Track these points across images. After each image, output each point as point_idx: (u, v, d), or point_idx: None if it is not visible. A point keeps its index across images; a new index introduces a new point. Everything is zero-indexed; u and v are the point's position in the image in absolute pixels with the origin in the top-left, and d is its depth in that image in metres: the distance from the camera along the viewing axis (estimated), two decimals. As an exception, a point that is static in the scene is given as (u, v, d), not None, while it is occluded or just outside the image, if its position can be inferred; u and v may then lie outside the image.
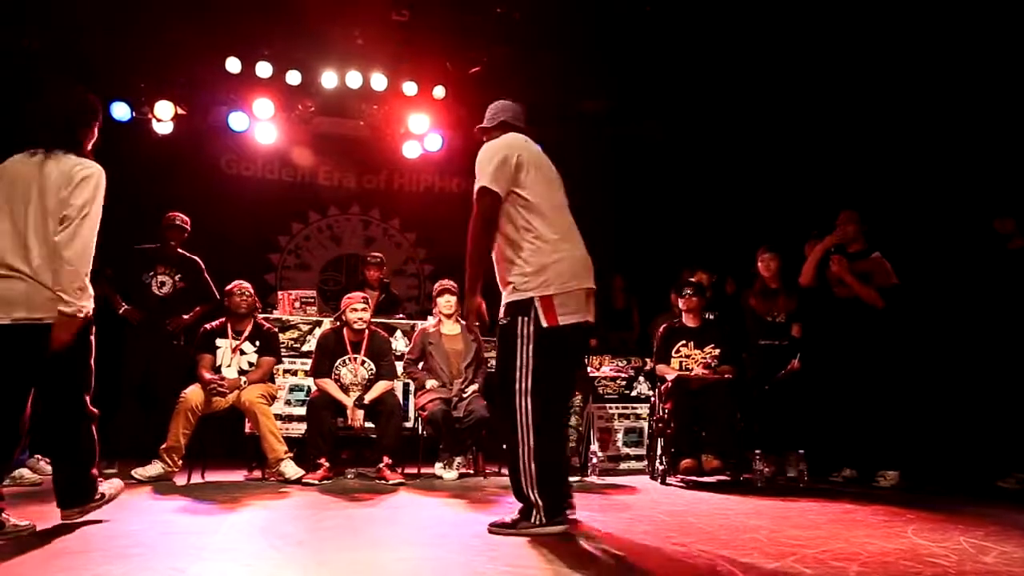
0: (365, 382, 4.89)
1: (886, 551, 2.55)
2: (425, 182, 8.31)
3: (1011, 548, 2.62)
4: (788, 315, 5.29)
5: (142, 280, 5.20)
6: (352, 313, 4.89)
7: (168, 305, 5.22)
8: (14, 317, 2.72)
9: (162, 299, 5.21)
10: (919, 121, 5.94)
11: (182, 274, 5.31)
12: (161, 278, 5.24)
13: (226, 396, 4.60)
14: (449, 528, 3.10)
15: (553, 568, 2.22)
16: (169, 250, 5.29)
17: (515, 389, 2.86)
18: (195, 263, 5.40)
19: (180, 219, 5.34)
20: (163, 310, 5.19)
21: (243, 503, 3.66)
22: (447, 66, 7.13)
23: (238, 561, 2.40)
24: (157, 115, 6.57)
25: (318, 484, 4.36)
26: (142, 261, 5.25)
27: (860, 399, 4.88)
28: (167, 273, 5.26)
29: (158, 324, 5.14)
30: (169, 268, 5.27)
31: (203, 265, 5.45)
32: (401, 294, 7.24)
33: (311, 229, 8.06)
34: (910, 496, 4.19)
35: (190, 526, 3.06)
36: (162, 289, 5.24)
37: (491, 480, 4.85)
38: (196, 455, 4.57)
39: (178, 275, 5.29)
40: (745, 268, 5.67)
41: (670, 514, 2.57)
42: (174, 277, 5.28)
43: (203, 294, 5.39)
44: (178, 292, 5.28)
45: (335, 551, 2.54)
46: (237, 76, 6.67)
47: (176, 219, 5.32)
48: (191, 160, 7.18)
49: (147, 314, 5.13)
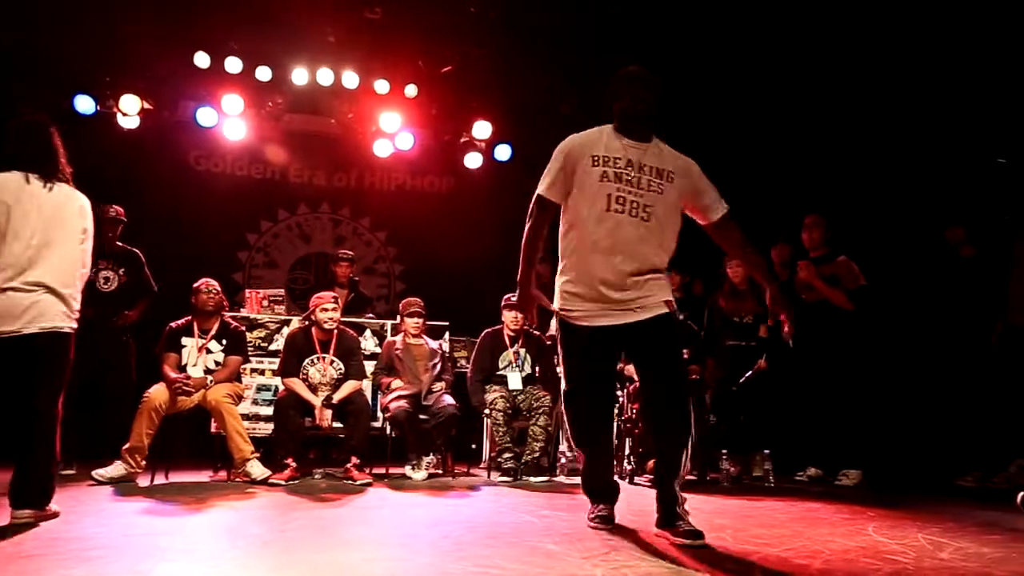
0: (334, 382, 4.85)
1: (848, 549, 2.60)
2: (396, 181, 8.26)
3: (966, 544, 2.69)
4: (755, 316, 5.36)
5: None
6: (322, 313, 4.86)
7: (114, 301, 5.08)
8: (40, 326, 3.03)
9: (107, 295, 5.07)
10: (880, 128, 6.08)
11: (125, 268, 5.16)
12: (105, 274, 5.09)
13: (191, 395, 4.54)
14: (417, 528, 3.09)
15: (520, 568, 2.23)
16: (108, 244, 5.09)
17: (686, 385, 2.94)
18: (136, 256, 5.24)
19: (114, 210, 5.15)
20: (109, 306, 5.04)
21: (208, 504, 3.61)
22: (419, 65, 7.11)
23: (202, 562, 2.37)
24: (123, 109, 6.45)
25: (285, 484, 4.32)
26: None
27: (825, 399, 4.96)
28: (110, 268, 5.12)
29: (106, 321, 4.99)
30: (111, 263, 5.12)
31: (143, 258, 5.28)
32: (371, 293, 7.20)
33: (280, 227, 7.97)
34: (872, 494, 4.27)
35: (153, 527, 3.01)
36: (107, 285, 5.10)
37: (460, 480, 4.85)
38: (160, 455, 4.50)
39: (121, 269, 5.15)
40: (712, 270, 5.73)
41: (637, 514, 2.59)
42: (118, 272, 5.13)
43: (142, 286, 5.24)
44: (123, 287, 5.14)
45: (302, 552, 2.52)
46: (205, 71, 6.58)
47: (110, 210, 5.11)
48: (158, 156, 7.06)
49: (93, 312, 4.99)
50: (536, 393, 5.08)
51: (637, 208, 2.83)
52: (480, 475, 5.16)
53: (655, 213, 2.85)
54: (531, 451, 4.96)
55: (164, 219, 5.68)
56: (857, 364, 4.96)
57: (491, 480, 4.86)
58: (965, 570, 2.28)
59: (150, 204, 5.44)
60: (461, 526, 3.03)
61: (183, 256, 5.58)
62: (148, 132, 6.73)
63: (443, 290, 6.85)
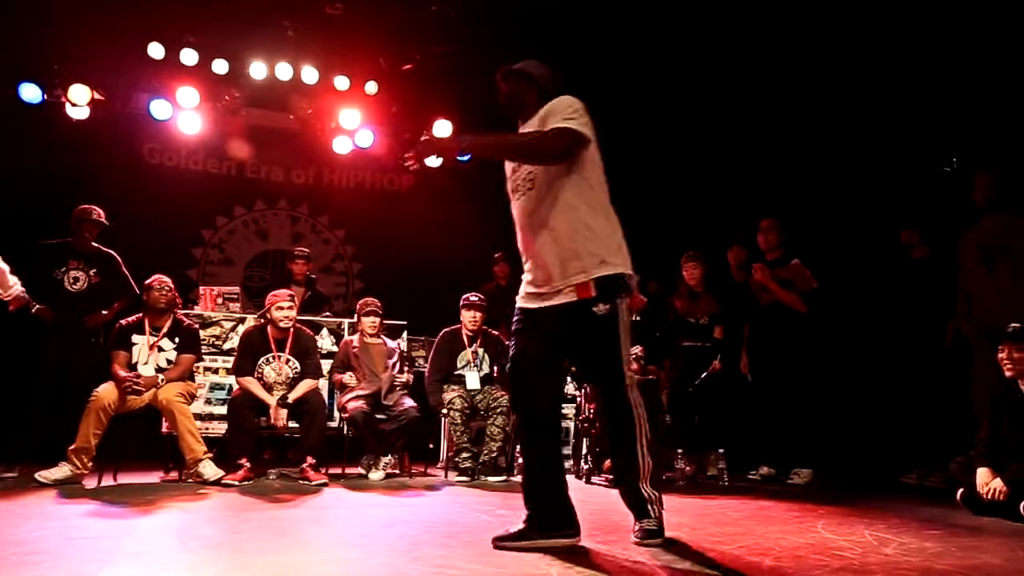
0: (289, 381, 4.79)
1: (798, 545, 2.66)
2: (356, 179, 8.18)
3: (908, 539, 2.78)
4: (711, 317, 5.45)
5: (52, 276, 4.91)
6: (278, 312, 4.79)
7: (83, 301, 4.95)
8: None
9: (76, 295, 4.94)
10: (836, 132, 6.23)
11: (97, 269, 5.04)
12: (74, 273, 4.96)
13: (142, 394, 4.42)
14: (374, 529, 3.07)
15: (476, 568, 2.23)
16: (83, 244, 5.01)
17: (625, 381, 2.62)
18: (112, 257, 5.14)
19: (97, 213, 5.06)
20: (77, 307, 4.92)
21: (158, 505, 3.52)
22: (380, 62, 7.06)
23: (151, 566, 2.31)
24: (72, 99, 6.26)
25: (238, 485, 4.24)
26: (51, 257, 4.95)
27: (777, 400, 5.07)
28: (80, 268, 4.98)
29: (73, 321, 4.87)
30: (83, 263, 5.00)
31: (120, 260, 5.18)
32: (328, 292, 7.12)
33: (236, 223, 7.83)
34: (822, 493, 4.38)
35: (99, 530, 2.92)
36: (75, 285, 4.96)
37: (417, 480, 4.83)
38: (108, 456, 4.38)
39: (93, 270, 5.02)
40: (668, 271, 5.81)
41: (594, 513, 2.61)
42: (88, 272, 5.00)
43: (122, 288, 5.13)
44: (93, 287, 5.01)
45: (255, 553, 2.48)
46: (159, 62, 6.43)
47: (93, 212, 5.03)
48: (109, 148, 6.85)
49: (60, 312, 4.86)
50: (494, 393, 5.08)
51: (521, 184, 2.74)
52: (438, 475, 5.14)
53: (536, 181, 2.68)
54: (489, 451, 4.96)
55: (115, 213, 5.50)
56: (809, 365, 5.07)
57: (448, 480, 4.85)
58: (908, 564, 2.35)
59: (101, 198, 5.27)
60: (418, 526, 3.02)
61: (135, 252, 5.43)
62: (99, 124, 6.54)
63: (401, 289, 6.81)
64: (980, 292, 4.53)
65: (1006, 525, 3.22)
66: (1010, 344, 3.55)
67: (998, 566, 2.39)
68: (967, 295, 4.63)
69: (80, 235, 5.00)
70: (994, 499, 3.37)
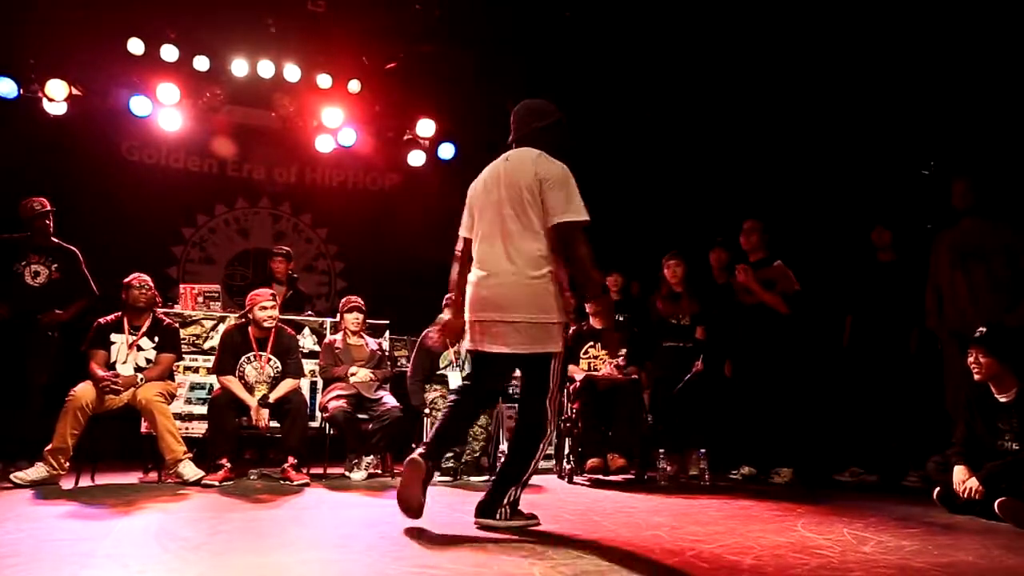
0: (271, 380, 4.75)
1: (778, 544, 2.68)
2: (338, 177, 8.14)
3: (886, 538, 2.82)
4: (692, 318, 5.48)
5: (12, 270, 4.84)
6: (261, 311, 4.75)
7: (43, 296, 4.87)
8: None
9: (36, 290, 4.87)
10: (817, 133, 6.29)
11: (59, 264, 4.96)
12: (35, 267, 4.89)
13: (120, 394, 4.37)
14: (355, 529, 3.06)
15: (458, 568, 2.23)
16: (43, 239, 4.92)
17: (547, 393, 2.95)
18: (73, 254, 5.06)
19: (40, 203, 4.94)
20: (38, 301, 4.84)
21: (137, 506, 3.48)
22: (363, 60, 7.03)
23: (128, 568, 2.28)
24: (49, 94, 6.17)
25: (219, 485, 4.20)
26: (11, 250, 4.88)
27: (759, 400, 5.10)
28: (42, 263, 4.91)
29: (31, 316, 4.79)
30: (43, 257, 4.92)
31: (82, 258, 5.10)
32: (310, 291, 7.08)
33: (217, 222, 7.76)
34: (802, 492, 4.42)
35: (76, 532, 2.89)
36: (36, 279, 4.89)
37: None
38: (86, 457, 4.32)
39: (55, 265, 4.94)
40: (651, 271, 5.84)
41: (576, 513, 2.62)
42: (50, 267, 4.93)
43: (81, 288, 5.05)
44: (53, 283, 4.93)
45: (236, 554, 2.46)
46: (139, 58, 6.36)
47: (35, 204, 4.92)
48: (87, 145, 6.76)
49: (18, 305, 4.77)
50: (477, 393, 5.07)
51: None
52: (420, 475, 5.11)
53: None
54: (471, 451, 4.95)
55: (93, 211, 5.43)
56: (790, 366, 5.11)
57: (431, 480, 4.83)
58: (885, 562, 2.38)
59: (78, 195, 5.21)
60: (400, 526, 3.01)
61: (114, 250, 5.36)
62: (76, 120, 6.45)
63: (384, 289, 6.79)
64: (952, 293, 4.59)
65: (981, 523, 3.27)
66: (977, 349, 3.61)
67: (973, 563, 2.42)
68: (938, 295, 4.69)
69: (36, 230, 4.92)
70: (970, 498, 3.42)
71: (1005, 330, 3.74)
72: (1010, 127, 5.19)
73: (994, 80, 5.27)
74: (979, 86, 5.37)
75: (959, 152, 5.55)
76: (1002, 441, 3.53)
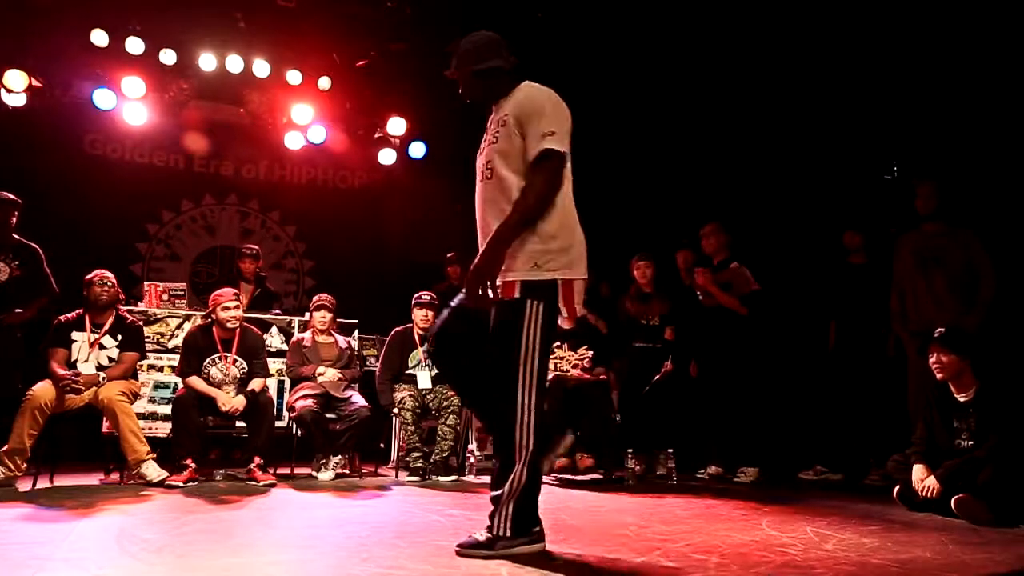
0: (237, 381, 4.69)
1: (743, 543, 2.72)
2: (308, 175, 8.07)
3: (847, 535, 2.87)
4: (662, 318, 5.53)
5: None
6: (224, 312, 4.68)
7: (5, 295, 4.74)
8: None
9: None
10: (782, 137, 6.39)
11: (20, 261, 4.83)
12: None
13: (81, 393, 4.27)
14: (322, 530, 3.03)
15: (425, 569, 2.22)
16: (4, 234, 4.79)
17: (518, 383, 2.44)
18: (35, 251, 4.92)
19: (4, 196, 4.82)
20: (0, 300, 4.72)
21: (97, 508, 3.41)
22: (334, 57, 6.97)
23: (87, 571, 2.23)
24: (7, 85, 6.02)
25: (183, 486, 4.14)
26: None
27: (723, 400, 5.16)
28: (3, 259, 4.78)
29: None
30: (6, 254, 4.79)
31: (43, 256, 4.96)
32: (279, 289, 7.01)
33: (183, 218, 7.64)
34: (767, 491, 4.49)
35: (32, 535, 2.82)
36: None
37: (367, 480, 4.78)
38: (44, 458, 4.23)
39: (16, 262, 4.81)
40: (619, 272, 5.87)
41: (544, 512, 2.62)
42: (11, 264, 4.80)
43: (41, 285, 4.91)
44: (15, 280, 4.80)
45: (199, 556, 2.42)
46: (103, 50, 6.23)
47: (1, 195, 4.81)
48: (48, 138, 6.62)
49: None
50: (445, 392, 5.05)
51: (481, 170, 2.63)
52: (388, 475, 5.10)
53: (494, 168, 2.56)
54: (440, 450, 4.94)
55: (54, 206, 5.29)
56: (752, 366, 5.17)
57: (399, 480, 4.82)
58: (846, 559, 2.43)
59: (38, 189, 5.07)
60: (367, 527, 2.99)
61: (76, 247, 5.23)
62: (37, 112, 6.30)
63: (353, 287, 6.75)
64: (915, 296, 4.69)
65: (938, 520, 3.35)
66: (938, 348, 3.69)
67: (929, 559, 2.48)
68: (901, 297, 4.79)
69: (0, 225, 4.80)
70: (928, 496, 3.50)
71: (964, 331, 3.83)
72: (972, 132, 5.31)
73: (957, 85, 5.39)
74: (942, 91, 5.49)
75: (922, 157, 5.67)
76: (959, 440, 3.61)
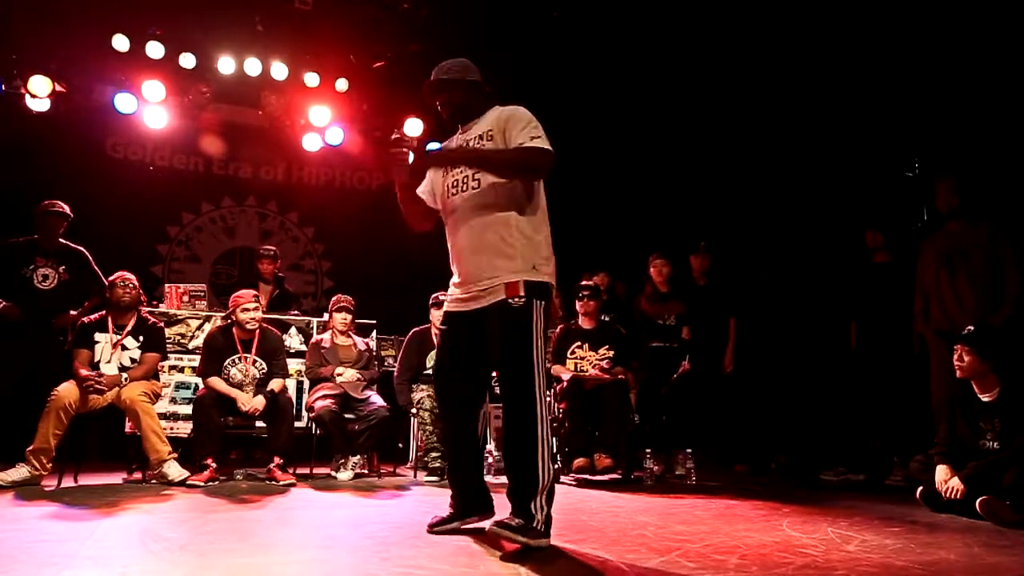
0: (257, 381, 4.73)
1: (763, 543, 2.69)
2: (325, 176, 8.12)
3: (870, 536, 2.83)
4: (678, 318, 5.50)
5: (20, 275, 4.78)
6: (243, 313, 4.72)
7: (52, 300, 4.83)
8: None
9: (45, 293, 4.82)
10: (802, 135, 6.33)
11: (66, 266, 4.92)
12: (43, 271, 4.84)
13: (104, 394, 4.33)
14: (341, 530, 3.04)
15: (444, 568, 2.22)
16: (50, 241, 4.89)
17: (534, 383, 2.60)
18: (81, 254, 5.02)
19: (59, 206, 4.93)
20: (47, 305, 4.80)
21: (120, 507, 3.45)
22: (351, 59, 7.01)
23: (110, 569, 2.26)
24: (31, 91, 6.11)
25: (204, 486, 4.18)
26: (18, 255, 4.82)
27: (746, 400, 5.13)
28: (50, 265, 4.86)
29: (42, 321, 4.75)
30: (51, 260, 4.88)
31: (90, 256, 5.06)
32: (297, 290, 7.06)
33: (203, 220, 7.71)
34: (787, 491, 4.45)
35: (58, 533, 2.86)
36: (44, 283, 4.84)
37: (386, 480, 4.80)
38: (69, 457, 4.28)
39: (62, 267, 4.90)
40: (636, 272, 5.85)
41: (562, 512, 2.61)
42: (58, 269, 4.89)
43: (93, 285, 5.00)
44: (63, 285, 4.89)
45: (220, 555, 2.44)
46: (124, 55, 6.31)
47: (55, 206, 4.91)
48: (71, 141, 6.72)
49: (28, 310, 4.72)
50: (464, 392, 5.06)
51: (466, 180, 2.79)
52: (407, 475, 5.12)
53: (481, 177, 2.75)
54: (458, 450, 4.94)
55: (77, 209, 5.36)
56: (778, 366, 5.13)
57: (418, 480, 4.83)
58: (868, 561, 2.40)
59: (62, 192, 5.15)
60: (386, 526, 3.00)
61: (98, 249, 5.31)
62: (60, 116, 6.41)
63: (371, 288, 6.78)
64: (939, 295, 4.62)
65: (963, 522, 3.30)
66: (962, 346, 3.64)
67: (954, 562, 2.44)
68: (925, 298, 4.72)
69: (46, 232, 4.88)
70: (952, 497, 3.45)
71: (992, 330, 3.78)
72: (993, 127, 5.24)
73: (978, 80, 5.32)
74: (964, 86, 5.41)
75: (944, 153, 5.59)
76: (984, 440, 3.56)
